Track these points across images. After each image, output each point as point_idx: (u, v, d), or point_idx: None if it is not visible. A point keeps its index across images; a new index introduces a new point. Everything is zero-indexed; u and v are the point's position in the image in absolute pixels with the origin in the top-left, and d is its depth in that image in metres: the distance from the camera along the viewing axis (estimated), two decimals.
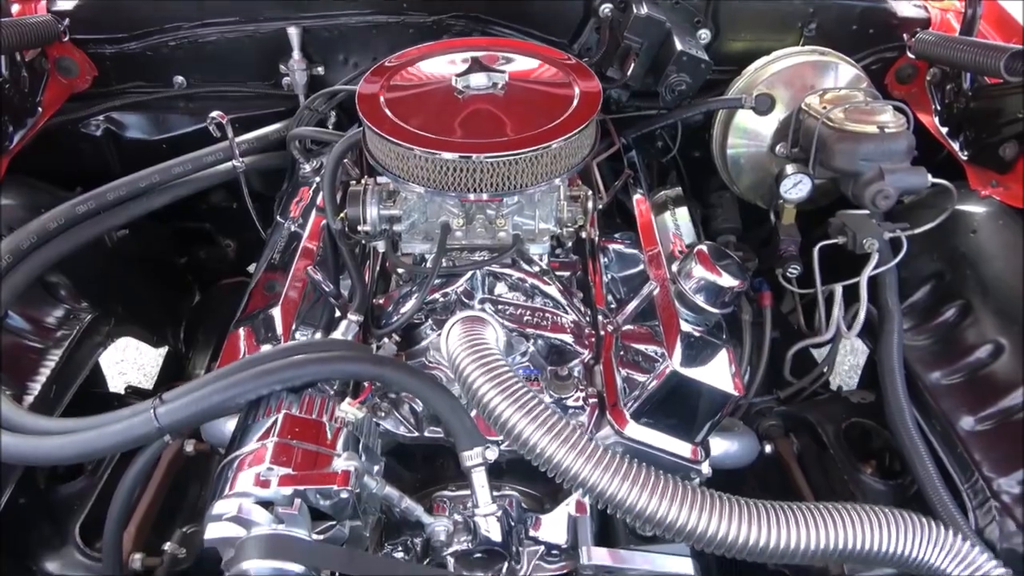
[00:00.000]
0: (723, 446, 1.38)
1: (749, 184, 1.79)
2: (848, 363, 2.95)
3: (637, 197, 1.65)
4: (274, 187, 1.86)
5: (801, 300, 1.71)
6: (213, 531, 1.02)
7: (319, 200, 1.57)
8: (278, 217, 1.68)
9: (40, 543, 1.31)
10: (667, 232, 1.66)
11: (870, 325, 1.52)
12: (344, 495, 1.02)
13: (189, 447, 1.53)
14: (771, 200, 1.69)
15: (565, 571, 1.21)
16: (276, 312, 1.33)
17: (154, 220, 1.97)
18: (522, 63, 1.38)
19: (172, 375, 2.01)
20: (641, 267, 1.51)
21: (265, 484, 1.01)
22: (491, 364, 1.04)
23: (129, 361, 2.74)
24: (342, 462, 1.04)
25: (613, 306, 1.44)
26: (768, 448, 1.54)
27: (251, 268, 1.96)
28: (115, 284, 1.69)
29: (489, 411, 1.02)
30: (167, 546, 1.37)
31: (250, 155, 1.69)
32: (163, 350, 2.04)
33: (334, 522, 1.05)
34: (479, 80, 1.28)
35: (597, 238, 1.50)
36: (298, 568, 0.99)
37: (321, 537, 1.03)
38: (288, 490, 1.01)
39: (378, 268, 1.51)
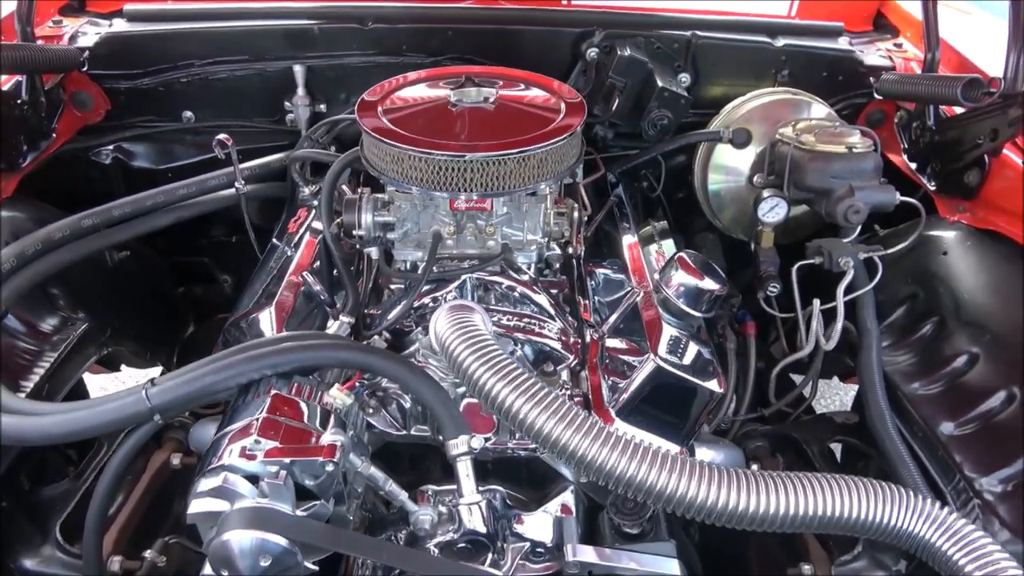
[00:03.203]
0: (709, 455, 1.39)
1: (731, 217, 1.86)
2: (837, 406, 2.95)
3: (629, 242, 1.70)
4: (273, 218, 1.92)
5: (783, 325, 1.75)
6: (197, 506, 1.02)
7: (312, 220, 1.64)
8: (275, 240, 1.73)
9: (20, 541, 1.29)
10: (652, 259, 1.71)
11: (851, 345, 1.56)
12: (330, 468, 1.02)
13: (176, 460, 1.53)
14: (751, 231, 1.76)
15: (550, 572, 1.20)
16: (268, 313, 1.37)
17: (154, 251, 2.04)
18: (511, 84, 1.47)
19: None
20: (627, 291, 1.56)
21: (252, 457, 1.02)
22: (478, 340, 1.07)
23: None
24: (329, 436, 1.05)
25: (599, 321, 1.48)
26: (755, 467, 1.54)
27: None
28: (113, 300, 1.72)
29: (478, 385, 1.04)
30: (148, 553, 1.35)
31: (252, 183, 1.76)
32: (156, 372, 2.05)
33: (318, 500, 1.05)
34: (471, 95, 1.37)
35: (583, 253, 1.55)
36: (281, 541, 0.99)
37: (304, 514, 1.03)
38: (274, 463, 1.02)
39: (371, 284, 1.55)
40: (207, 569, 1.06)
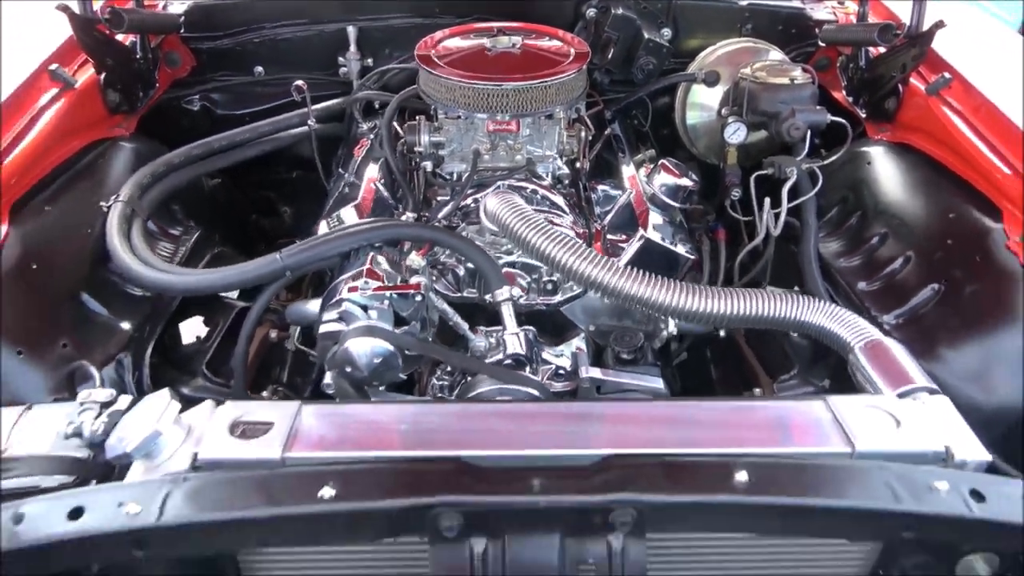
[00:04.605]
0: None
1: (705, 145, 2.29)
2: None
3: (624, 166, 2.13)
4: (329, 154, 2.34)
5: (744, 229, 2.18)
6: (326, 327, 1.47)
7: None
8: (340, 170, 2.15)
9: (173, 380, 1.73)
10: (642, 174, 2.14)
11: (795, 237, 2.00)
12: (418, 299, 1.47)
13: (273, 334, 1.98)
14: (721, 154, 2.19)
15: (569, 388, 1.65)
16: (354, 208, 1.80)
17: (234, 185, 2.46)
18: (533, 35, 1.90)
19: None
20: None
21: (363, 293, 1.47)
22: (520, 208, 1.51)
23: None
24: (415, 278, 1.50)
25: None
26: (722, 333, 1.99)
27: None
28: (213, 217, 2.15)
29: (523, 239, 1.48)
30: (264, 392, 1.80)
31: (318, 122, 2.18)
32: None
33: (409, 324, 1.49)
34: (502, 41, 1.80)
35: (588, 167, 1.98)
36: (388, 347, 1.43)
37: (401, 331, 1.48)
38: (378, 296, 1.46)
39: (422, 195, 1.98)
40: (328, 378, 1.50)
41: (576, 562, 0.94)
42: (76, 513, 0.91)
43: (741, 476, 0.93)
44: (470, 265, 1.66)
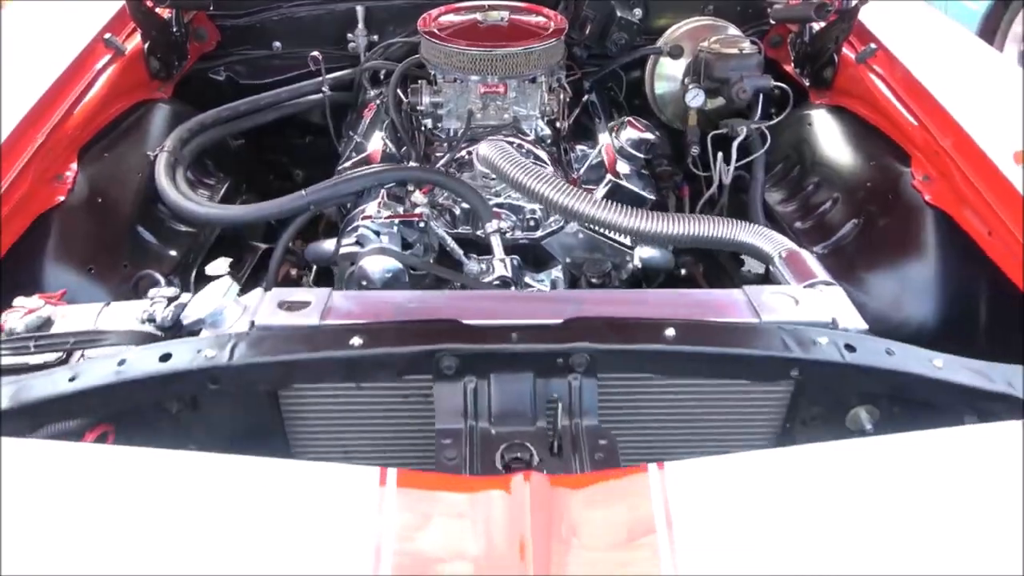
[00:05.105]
0: (650, 252, 2.14)
1: (672, 112, 2.59)
2: None
3: (600, 130, 2.44)
4: (339, 119, 2.63)
5: (706, 183, 2.49)
6: (345, 248, 1.77)
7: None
8: (349, 132, 2.45)
9: None
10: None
11: (746, 188, 2.31)
12: (421, 225, 1.77)
13: (293, 272, 2.28)
14: (684, 118, 2.50)
15: None
16: (366, 159, 2.10)
17: (256, 146, 2.75)
18: (519, 11, 2.21)
19: None
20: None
21: (375, 220, 1.77)
22: (511, 154, 1.82)
23: None
24: (419, 208, 1.80)
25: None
26: (683, 271, 2.30)
27: None
28: (238, 173, 2.44)
29: (512, 178, 1.78)
30: None
31: (330, 90, 2.48)
32: None
33: (413, 248, 1.80)
34: (492, 16, 2.10)
35: (568, 127, 2.29)
36: (398, 264, 1.73)
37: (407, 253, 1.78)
38: (388, 223, 1.77)
39: (422, 150, 2.27)
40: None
41: (544, 398, 1.23)
42: (165, 357, 1.21)
43: (670, 332, 1.24)
44: (464, 205, 1.97)
